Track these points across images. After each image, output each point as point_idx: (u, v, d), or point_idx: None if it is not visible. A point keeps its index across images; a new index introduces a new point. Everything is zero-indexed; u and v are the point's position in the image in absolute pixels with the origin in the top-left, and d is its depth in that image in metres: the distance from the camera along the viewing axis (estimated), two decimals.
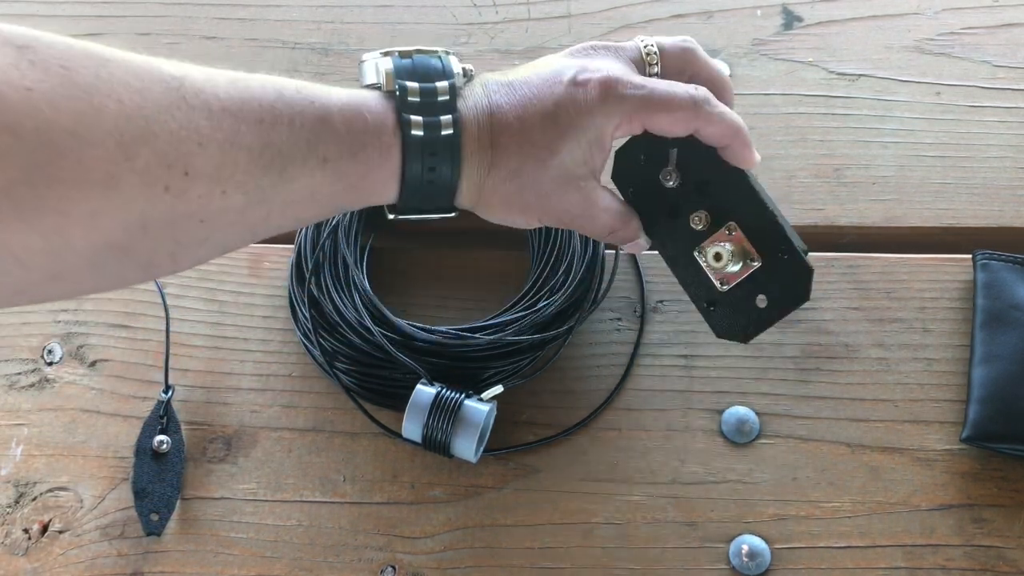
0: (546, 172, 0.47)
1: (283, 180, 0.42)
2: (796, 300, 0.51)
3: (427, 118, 0.45)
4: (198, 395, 0.62)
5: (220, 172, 0.40)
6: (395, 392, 0.60)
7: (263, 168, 0.41)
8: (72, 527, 0.58)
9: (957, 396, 0.59)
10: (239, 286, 0.65)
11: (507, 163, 0.47)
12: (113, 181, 0.37)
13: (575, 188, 0.48)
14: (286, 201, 0.43)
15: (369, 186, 0.46)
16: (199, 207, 0.40)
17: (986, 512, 0.56)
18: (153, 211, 0.38)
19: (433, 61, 0.48)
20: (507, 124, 0.46)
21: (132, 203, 0.37)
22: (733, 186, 0.50)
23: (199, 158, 0.39)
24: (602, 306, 0.63)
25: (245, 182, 0.41)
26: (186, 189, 0.39)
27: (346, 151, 0.44)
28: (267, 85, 0.42)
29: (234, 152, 0.40)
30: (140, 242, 0.39)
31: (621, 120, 0.47)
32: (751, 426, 0.59)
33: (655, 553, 0.56)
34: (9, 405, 0.62)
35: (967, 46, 0.73)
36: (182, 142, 0.38)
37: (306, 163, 0.42)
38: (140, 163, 0.37)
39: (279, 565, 0.56)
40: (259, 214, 0.43)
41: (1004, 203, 0.66)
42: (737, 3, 0.76)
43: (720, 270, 0.51)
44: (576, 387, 0.61)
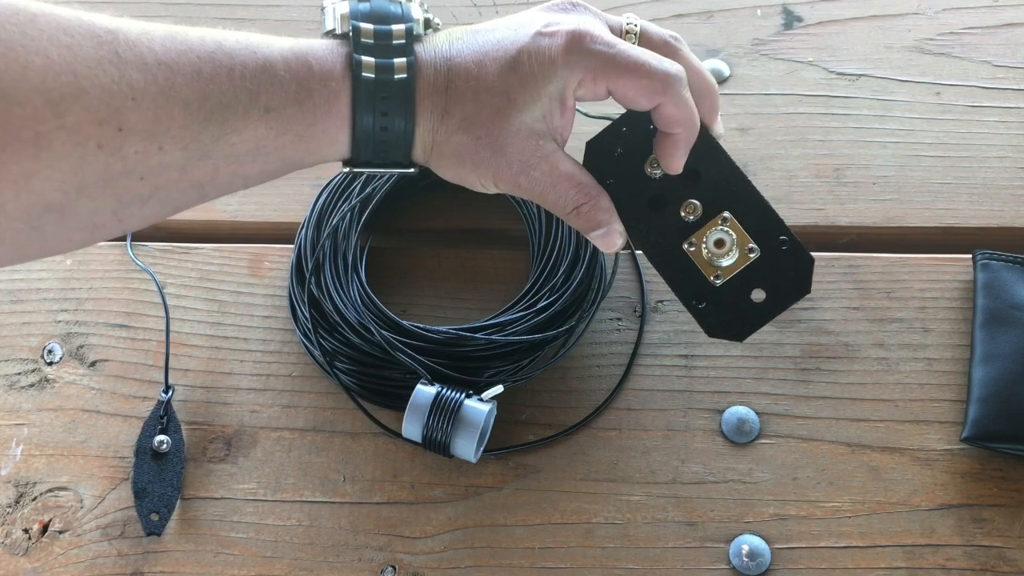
0: (503, 122, 0.44)
1: (224, 132, 0.40)
2: (797, 293, 0.49)
3: (380, 60, 0.43)
4: (198, 395, 0.62)
5: (156, 127, 0.38)
6: (395, 392, 0.60)
7: (202, 121, 0.39)
8: (72, 527, 0.58)
9: (957, 396, 0.59)
10: (239, 286, 0.65)
11: (461, 109, 0.44)
12: (43, 140, 0.36)
13: (533, 146, 0.45)
14: (229, 155, 0.41)
15: (318, 137, 0.43)
16: (136, 164, 0.38)
17: (986, 512, 0.56)
18: (87, 170, 0.37)
19: (392, 7, 0.45)
20: (465, 69, 0.44)
21: (64, 162, 0.36)
22: (725, 174, 0.48)
23: (133, 113, 0.37)
24: (602, 306, 0.63)
25: (183, 136, 0.39)
26: (121, 146, 0.37)
27: (290, 100, 0.42)
28: (206, 37, 0.41)
29: (169, 106, 0.39)
30: (78, 202, 0.38)
31: (584, 76, 0.44)
32: (751, 426, 0.59)
33: (655, 553, 0.56)
34: (9, 405, 0.62)
35: (967, 46, 0.73)
36: (114, 97, 0.37)
37: (248, 114, 0.41)
38: (70, 120, 0.36)
39: (279, 565, 0.56)
40: (203, 170, 0.41)
41: (1004, 203, 0.66)
42: (737, 3, 0.76)
43: (717, 261, 0.48)
44: (576, 387, 0.61)
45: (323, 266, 0.62)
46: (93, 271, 0.66)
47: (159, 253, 0.67)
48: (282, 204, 0.68)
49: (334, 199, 0.65)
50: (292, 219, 0.66)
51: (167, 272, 0.66)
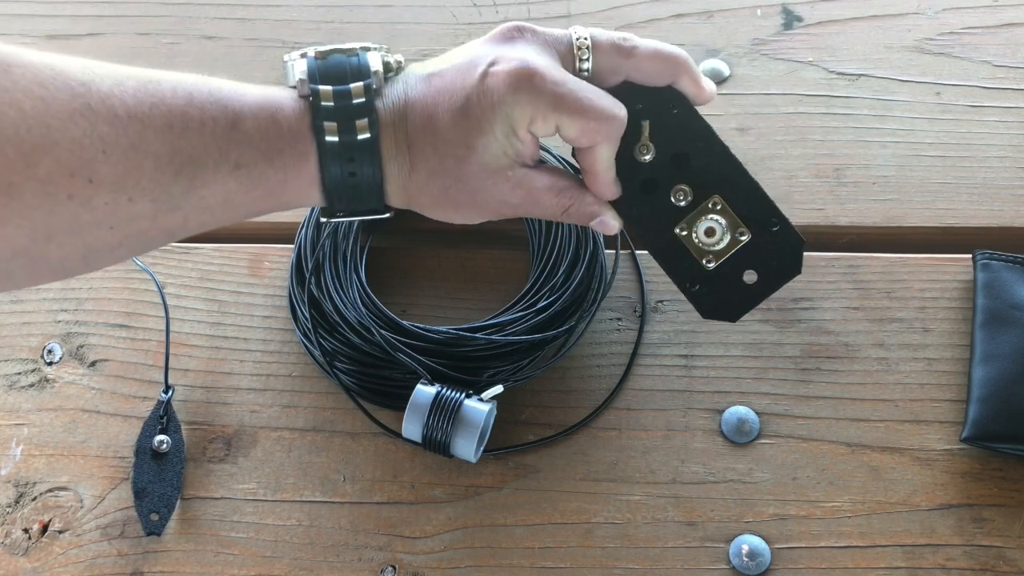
0: (467, 168, 0.45)
1: (194, 186, 0.41)
2: (788, 273, 0.49)
3: (342, 122, 0.43)
4: (198, 395, 0.62)
5: (125, 179, 0.39)
6: (395, 392, 0.60)
7: (172, 174, 0.40)
8: (72, 527, 0.58)
9: (957, 396, 0.59)
10: (239, 286, 0.65)
11: (425, 164, 0.45)
12: (14, 190, 0.36)
13: (503, 179, 0.46)
14: (200, 207, 0.42)
15: (290, 192, 0.44)
16: (106, 214, 0.39)
17: (986, 512, 0.56)
18: (57, 220, 0.38)
19: (350, 60, 0.45)
20: (420, 123, 0.44)
21: (34, 211, 0.37)
22: (715, 158, 0.48)
23: (103, 165, 0.38)
24: (602, 306, 0.63)
25: (152, 189, 0.40)
26: (91, 197, 0.38)
27: (260, 157, 0.42)
28: (178, 89, 0.41)
29: (140, 158, 0.39)
30: (47, 249, 0.38)
31: (534, 115, 0.44)
32: (751, 426, 0.59)
33: (655, 553, 0.56)
34: (9, 405, 0.62)
35: (967, 46, 0.73)
36: (85, 149, 0.38)
37: (218, 169, 0.41)
38: (42, 171, 0.37)
39: (279, 565, 0.56)
40: (174, 220, 0.41)
41: (1004, 203, 0.66)
42: (737, 3, 0.76)
43: (709, 246, 0.49)
44: (576, 387, 0.61)
45: (323, 266, 0.62)
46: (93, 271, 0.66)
47: (159, 253, 0.67)
48: None
49: None
50: (292, 219, 0.66)
51: (167, 272, 0.66)
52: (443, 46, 0.75)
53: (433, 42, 0.76)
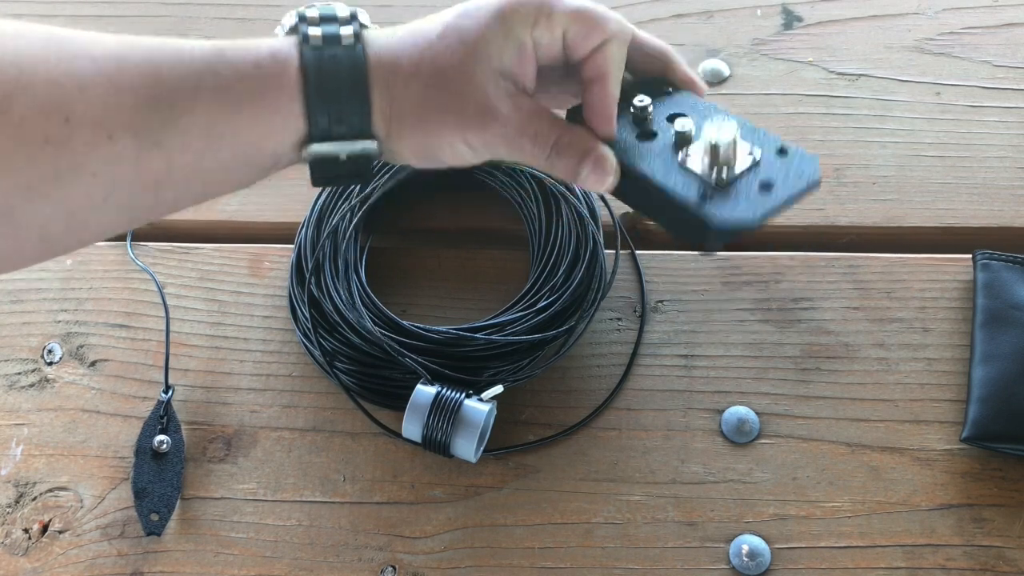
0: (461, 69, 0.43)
1: (174, 115, 0.39)
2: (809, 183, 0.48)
3: (326, 28, 0.42)
4: (198, 395, 0.62)
5: (104, 115, 0.37)
6: (395, 392, 0.60)
7: (152, 104, 0.38)
8: (72, 527, 0.58)
9: (957, 396, 0.59)
10: (239, 286, 0.65)
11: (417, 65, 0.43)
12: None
13: (495, 87, 0.44)
14: (182, 144, 0.40)
15: (270, 113, 0.41)
16: (85, 156, 0.37)
17: (986, 512, 0.56)
18: (36, 167, 0.36)
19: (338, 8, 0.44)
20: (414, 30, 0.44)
21: (11, 159, 0.36)
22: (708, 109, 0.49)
23: (80, 103, 0.37)
24: (602, 306, 0.63)
25: (133, 122, 0.38)
26: (68, 137, 0.37)
27: (240, 76, 0.41)
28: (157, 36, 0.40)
29: (119, 94, 0.38)
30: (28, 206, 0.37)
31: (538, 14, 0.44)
32: (751, 426, 0.59)
33: (655, 553, 0.56)
34: (9, 405, 0.62)
35: (967, 46, 0.73)
36: (60, 88, 0.36)
37: (198, 93, 0.40)
38: (15, 115, 0.35)
39: (279, 565, 0.56)
40: (156, 163, 0.39)
41: (1004, 203, 0.66)
42: (737, 3, 0.76)
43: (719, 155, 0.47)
44: (576, 387, 0.61)
45: (323, 266, 0.62)
46: (93, 271, 0.66)
47: (159, 253, 0.67)
48: (282, 204, 0.68)
49: (334, 199, 0.65)
50: (292, 219, 0.66)
51: (167, 272, 0.66)
52: None
53: None
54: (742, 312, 0.63)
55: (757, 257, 0.64)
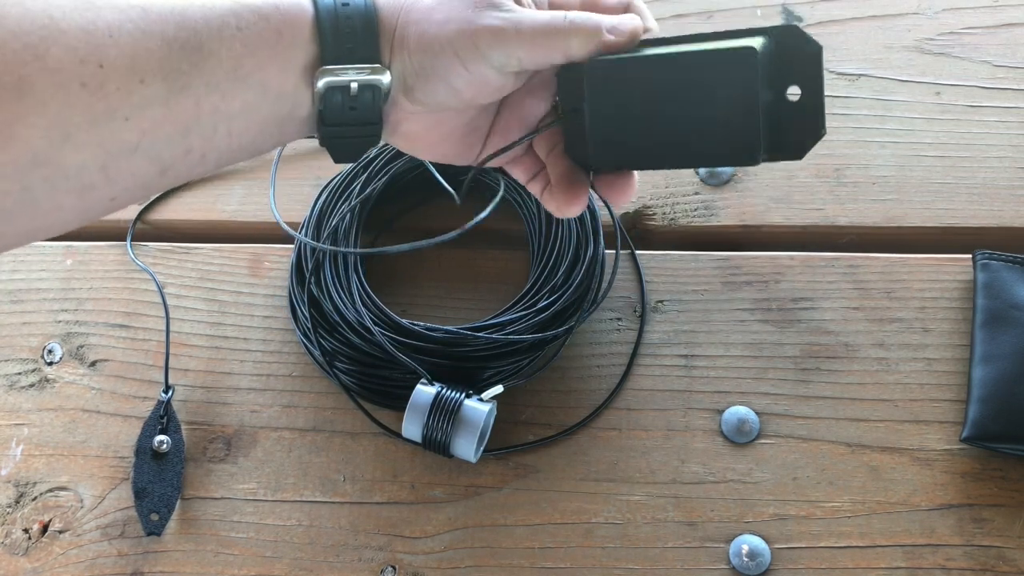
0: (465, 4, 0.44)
1: (202, 57, 0.41)
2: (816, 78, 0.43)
3: None
4: (198, 395, 0.62)
5: (135, 60, 0.39)
6: (395, 392, 0.60)
7: (179, 48, 0.40)
8: (72, 527, 0.58)
9: (957, 396, 0.59)
10: (239, 286, 0.65)
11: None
12: (25, 84, 0.36)
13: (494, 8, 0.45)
14: (209, 84, 0.41)
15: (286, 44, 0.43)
16: (119, 101, 0.39)
17: (986, 512, 0.56)
18: (72, 112, 0.37)
19: None
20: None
21: (48, 105, 0.37)
22: None
23: (112, 48, 0.38)
24: (602, 306, 0.63)
25: (162, 66, 0.40)
26: (103, 82, 0.38)
27: (261, 15, 0.43)
28: None
29: (147, 39, 0.39)
30: (64, 152, 0.38)
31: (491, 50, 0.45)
32: (751, 426, 0.59)
33: (655, 553, 0.56)
34: (9, 405, 0.62)
35: (967, 46, 0.73)
36: (92, 35, 0.38)
37: (222, 34, 0.42)
38: (51, 61, 0.36)
39: (279, 565, 0.56)
40: (186, 105, 0.41)
41: (1004, 203, 0.66)
42: (737, 3, 0.76)
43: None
44: (576, 387, 0.61)
45: (323, 266, 0.62)
46: (93, 271, 0.66)
47: (159, 253, 0.67)
48: (282, 204, 0.68)
49: (334, 199, 0.65)
50: (292, 219, 0.66)
51: (167, 272, 0.66)
52: None
53: None
54: (742, 312, 0.63)
55: (757, 257, 0.64)
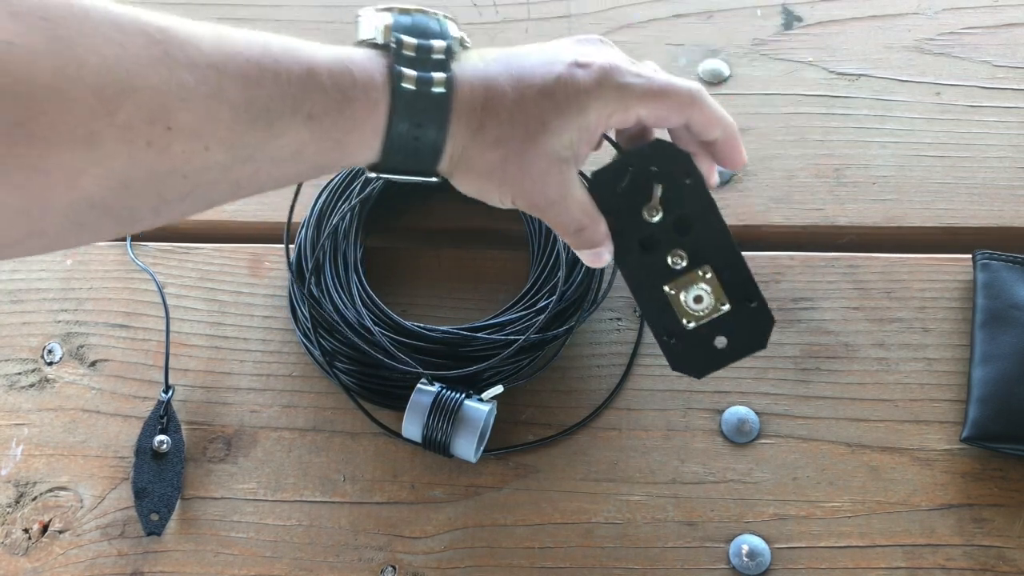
0: (533, 146, 0.46)
1: (270, 136, 0.41)
2: (754, 347, 0.53)
3: (420, 73, 0.44)
4: (198, 395, 0.62)
5: (203, 128, 0.39)
6: (395, 392, 0.60)
7: (248, 124, 0.40)
8: (72, 527, 0.58)
9: (957, 396, 0.59)
10: (239, 286, 0.65)
11: (496, 128, 0.45)
12: (94, 138, 0.36)
13: (557, 170, 0.47)
14: (272, 158, 0.42)
15: (354, 143, 0.44)
16: (182, 163, 0.39)
17: (986, 512, 0.56)
18: (135, 168, 0.38)
19: (432, 22, 0.46)
20: (502, 92, 0.45)
21: (114, 160, 0.37)
22: (714, 232, 0.51)
23: (182, 113, 0.38)
24: (602, 306, 0.63)
25: (229, 138, 0.40)
26: (169, 144, 0.38)
27: (333, 107, 0.42)
28: (252, 41, 0.41)
29: (217, 107, 0.39)
30: (122, 199, 0.38)
31: (616, 107, 0.46)
32: (751, 426, 0.59)
33: (655, 553, 0.56)
34: (9, 405, 0.62)
35: (967, 46, 0.73)
36: (164, 96, 0.37)
37: (293, 119, 0.41)
38: (121, 118, 0.36)
39: (279, 565, 0.56)
40: (244, 172, 0.42)
41: (1004, 203, 0.66)
42: (737, 3, 0.76)
43: (693, 311, 0.52)
44: (576, 387, 0.61)
45: (323, 266, 0.62)
46: (93, 271, 0.66)
47: (159, 253, 0.67)
48: (282, 204, 0.68)
49: (334, 199, 0.65)
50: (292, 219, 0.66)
51: (167, 272, 0.66)
52: None
53: None
54: None
55: (757, 257, 0.64)
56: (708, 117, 0.48)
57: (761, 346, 0.53)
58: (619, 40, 0.75)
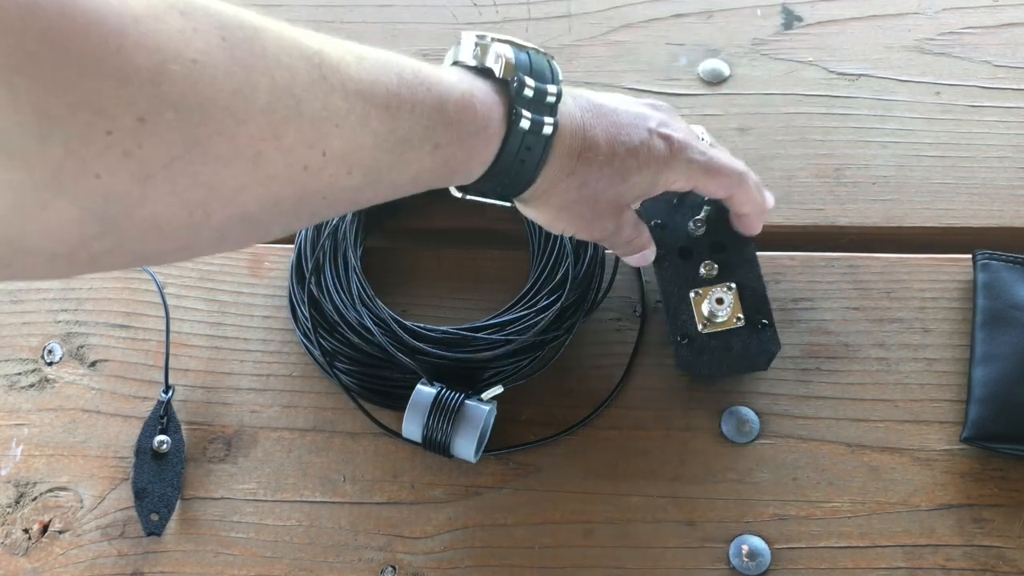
0: (611, 194, 0.51)
1: (400, 163, 0.43)
2: (756, 366, 0.58)
3: (535, 116, 0.47)
4: (198, 395, 0.62)
5: (351, 154, 0.40)
6: (395, 392, 0.60)
7: (386, 151, 0.42)
8: (72, 527, 0.58)
9: (957, 396, 0.59)
10: (239, 286, 0.65)
11: (585, 175, 0.50)
12: (260, 158, 0.37)
13: (620, 210, 0.53)
14: (395, 183, 0.44)
15: (461, 171, 0.47)
16: (327, 185, 0.40)
17: (986, 512, 0.56)
18: (290, 188, 0.39)
19: (545, 64, 0.49)
20: (596, 144, 0.50)
21: (273, 181, 0.38)
22: (743, 256, 0.59)
23: (336, 139, 0.39)
24: (602, 306, 0.63)
25: (368, 164, 0.42)
26: (322, 168, 0.39)
27: (455, 139, 0.45)
28: (388, 67, 0.43)
29: (364, 135, 0.41)
30: (268, 215, 0.39)
31: (681, 177, 0.53)
32: (751, 426, 0.59)
33: (655, 553, 0.56)
34: (9, 405, 0.62)
35: (967, 46, 0.73)
36: (323, 122, 0.39)
37: (422, 148, 0.44)
38: (287, 142, 0.37)
39: (279, 565, 0.56)
40: (367, 194, 0.44)
41: (1004, 203, 0.66)
42: (737, 3, 0.76)
43: (711, 314, 0.57)
44: (576, 387, 0.61)
45: (323, 266, 0.62)
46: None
47: None
48: None
49: None
50: None
51: (167, 272, 0.66)
52: (443, 46, 0.75)
53: (433, 42, 0.76)
54: None
55: (757, 257, 0.64)
56: (747, 196, 0.56)
57: (762, 368, 0.58)
58: (619, 40, 0.75)
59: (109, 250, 0.36)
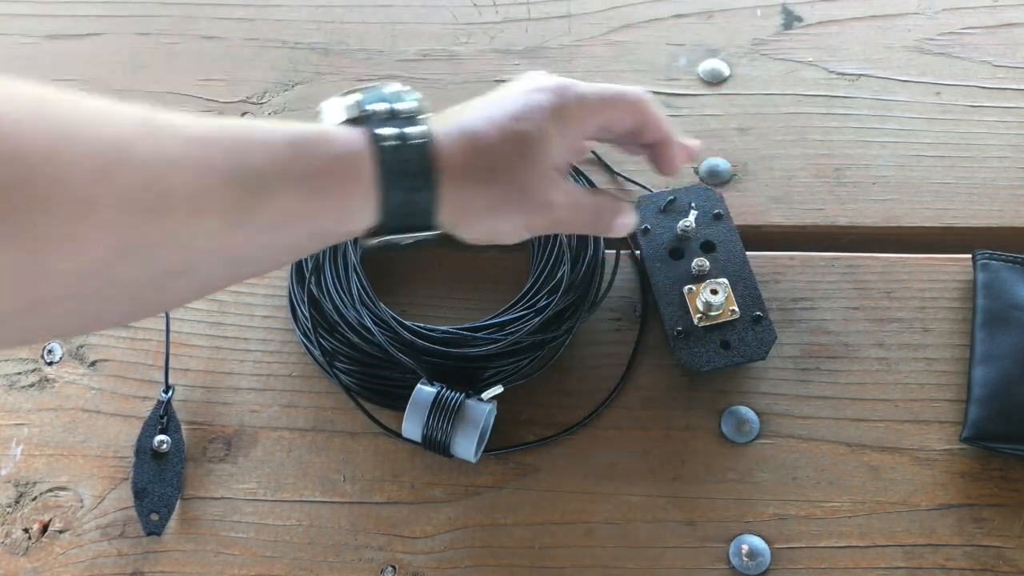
0: (524, 165, 0.49)
1: (260, 200, 0.42)
2: (754, 356, 0.59)
3: (397, 129, 0.46)
4: (198, 395, 0.62)
5: (196, 194, 0.40)
6: (395, 392, 0.60)
7: (239, 188, 0.41)
8: (72, 527, 0.58)
9: (957, 396, 0.59)
10: (239, 286, 0.65)
11: (485, 161, 0.48)
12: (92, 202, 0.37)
13: (551, 178, 0.50)
14: (264, 224, 0.43)
15: (346, 205, 0.45)
16: (176, 228, 0.40)
17: (986, 512, 0.56)
18: (133, 233, 0.39)
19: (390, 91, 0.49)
20: (478, 129, 0.48)
21: (111, 225, 0.38)
22: (733, 255, 0.61)
23: (175, 179, 0.39)
24: (602, 306, 0.63)
25: (221, 202, 0.41)
26: (165, 211, 0.39)
27: (320, 169, 0.44)
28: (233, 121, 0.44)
29: (208, 175, 0.41)
30: (122, 268, 0.39)
31: (582, 115, 0.51)
32: (751, 426, 0.59)
33: (655, 553, 0.56)
34: (9, 405, 0.62)
35: (967, 46, 0.73)
36: (158, 164, 0.39)
37: (282, 182, 0.43)
38: (118, 184, 0.38)
39: (279, 565, 0.56)
40: (239, 240, 0.43)
41: (1004, 203, 0.66)
42: (737, 3, 0.76)
43: (707, 306, 0.58)
44: (576, 387, 0.61)
45: (323, 266, 0.62)
46: None
47: None
48: None
49: None
50: None
51: None
52: (443, 46, 0.75)
53: (433, 42, 0.76)
54: None
55: (757, 257, 0.64)
56: (659, 116, 0.54)
57: (761, 357, 0.59)
58: (619, 40, 0.75)
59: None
